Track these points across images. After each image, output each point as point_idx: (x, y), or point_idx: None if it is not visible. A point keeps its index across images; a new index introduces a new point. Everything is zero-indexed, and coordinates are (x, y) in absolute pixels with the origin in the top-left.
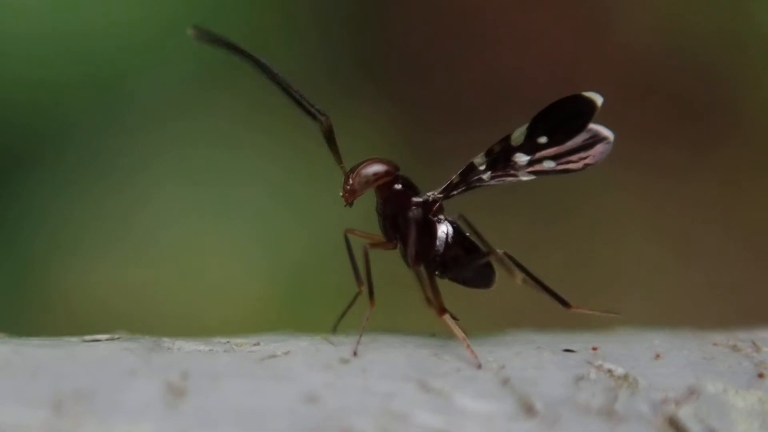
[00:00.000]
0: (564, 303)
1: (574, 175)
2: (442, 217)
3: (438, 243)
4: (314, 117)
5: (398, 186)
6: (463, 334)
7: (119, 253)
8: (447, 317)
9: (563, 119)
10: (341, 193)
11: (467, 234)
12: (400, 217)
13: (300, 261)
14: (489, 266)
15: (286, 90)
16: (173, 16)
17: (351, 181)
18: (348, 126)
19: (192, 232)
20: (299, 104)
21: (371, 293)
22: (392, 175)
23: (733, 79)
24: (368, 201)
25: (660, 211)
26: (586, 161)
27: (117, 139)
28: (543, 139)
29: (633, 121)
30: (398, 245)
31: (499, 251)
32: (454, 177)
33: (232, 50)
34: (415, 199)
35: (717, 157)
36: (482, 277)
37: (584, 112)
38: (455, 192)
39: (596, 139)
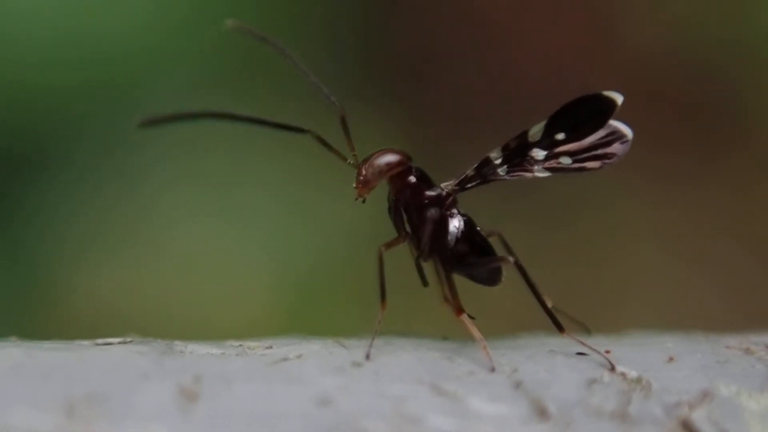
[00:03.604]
0: (559, 327)
1: (583, 181)
2: (455, 211)
3: (449, 237)
4: (333, 104)
5: (412, 178)
6: (480, 335)
7: (127, 258)
8: (464, 317)
9: (582, 117)
10: (354, 185)
11: (478, 229)
12: (413, 210)
13: (308, 265)
14: (497, 266)
15: (308, 77)
16: (181, 21)
17: (364, 172)
18: (354, 130)
19: (199, 237)
20: (320, 91)
21: (383, 295)
22: (405, 165)
23: (743, 85)
24: (377, 203)
25: (669, 218)
26: (604, 159)
27: (125, 142)
28: (561, 136)
29: (642, 127)
30: (410, 238)
31: (511, 259)
32: (469, 170)
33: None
34: (429, 193)
35: (726, 164)
36: (489, 275)
37: (604, 110)
38: (470, 185)
39: (614, 138)
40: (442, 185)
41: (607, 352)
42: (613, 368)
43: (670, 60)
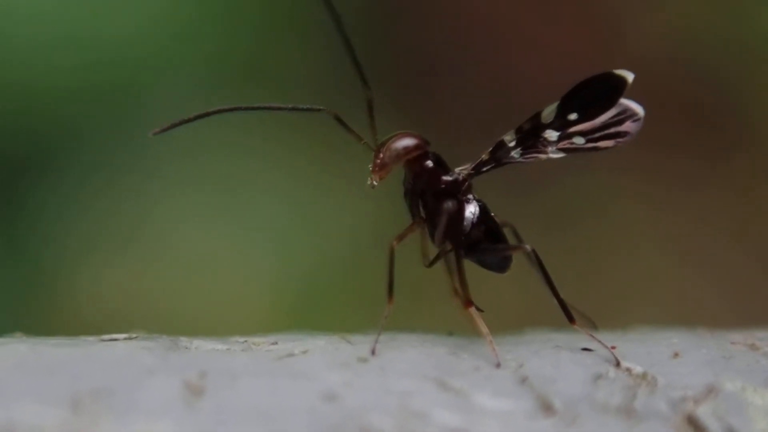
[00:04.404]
0: (570, 318)
1: (585, 183)
2: (470, 196)
3: (465, 223)
4: (365, 84)
5: (429, 162)
6: (487, 329)
7: (130, 259)
8: (473, 310)
9: (594, 96)
10: (371, 168)
11: (492, 215)
12: (429, 195)
13: (310, 266)
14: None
15: (352, 54)
16: (184, 25)
17: (381, 156)
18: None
19: (202, 238)
20: (358, 70)
21: (391, 291)
22: (422, 149)
23: (745, 88)
24: (378, 203)
25: (671, 221)
26: (617, 138)
27: (128, 146)
28: (573, 116)
29: (645, 130)
30: (425, 223)
31: (528, 247)
32: (484, 155)
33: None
34: (445, 178)
35: (728, 167)
36: (500, 262)
37: (615, 88)
38: (485, 169)
39: (626, 116)
40: (457, 170)
41: (613, 347)
42: (618, 363)
43: (671, 61)
